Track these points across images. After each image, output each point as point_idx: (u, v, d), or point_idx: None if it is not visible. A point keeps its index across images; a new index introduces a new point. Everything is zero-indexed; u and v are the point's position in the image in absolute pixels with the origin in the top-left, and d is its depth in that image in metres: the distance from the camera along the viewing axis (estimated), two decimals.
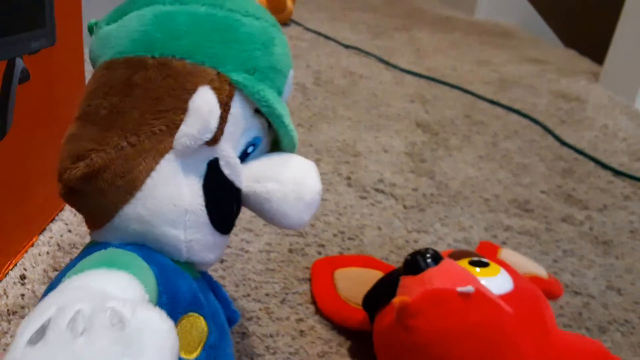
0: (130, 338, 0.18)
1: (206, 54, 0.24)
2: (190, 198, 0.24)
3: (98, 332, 0.18)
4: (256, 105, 0.26)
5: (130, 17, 0.25)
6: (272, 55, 0.26)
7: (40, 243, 0.46)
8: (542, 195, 0.68)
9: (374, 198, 0.62)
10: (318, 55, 1.14)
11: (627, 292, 0.51)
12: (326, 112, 0.85)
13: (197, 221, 0.24)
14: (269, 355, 0.39)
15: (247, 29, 0.25)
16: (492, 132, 0.85)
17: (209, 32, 0.24)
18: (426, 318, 0.29)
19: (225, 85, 0.24)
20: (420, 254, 0.31)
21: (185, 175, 0.24)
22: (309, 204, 0.27)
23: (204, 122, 0.23)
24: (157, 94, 0.23)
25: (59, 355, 0.17)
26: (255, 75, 0.25)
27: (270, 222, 0.27)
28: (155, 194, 0.23)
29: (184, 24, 0.24)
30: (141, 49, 0.24)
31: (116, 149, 0.23)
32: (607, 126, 0.93)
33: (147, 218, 0.24)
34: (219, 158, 0.25)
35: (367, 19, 1.55)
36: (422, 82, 1.06)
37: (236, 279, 0.46)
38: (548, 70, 1.23)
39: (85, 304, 0.19)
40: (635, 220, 0.64)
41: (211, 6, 0.25)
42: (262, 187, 0.26)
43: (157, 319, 0.19)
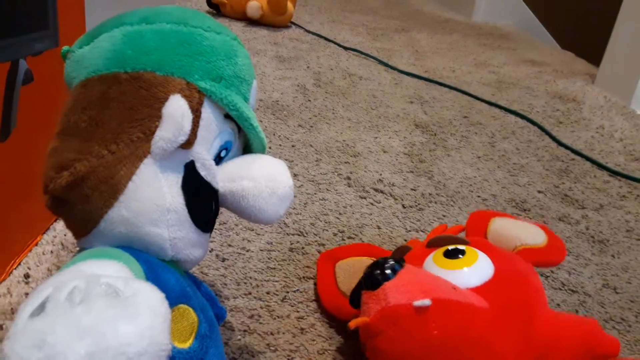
0: (125, 302, 0.19)
1: (174, 65, 0.26)
2: (171, 198, 0.26)
3: (94, 300, 0.19)
4: (225, 111, 0.28)
5: (102, 39, 0.27)
6: (235, 65, 0.28)
7: (44, 242, 0.47)
8: (539, 194, 0.68)
9: (374, 198, 0.62)
10: (318, 56, 1.14)
11: (623, 290, 0.52)
12: (326, 113, 0.85)
13: (178, 219, 0.26)
14: (270, 353, 0.39)
15: (210, 42, 0.27)
16: (489, 133, 0.86)
17: (175, 47, 0.26)
18: (385, 338, 0.28)
19: (195, 93, 0.26)
20: (378, 265, 0.30)
21: (165, 177, 0.25)
22: (283, 198, 0.29)
23: (178, 125, 0.25)
24: (132, 104, 0.25)
25: (59, 322, 0.18)
26: (222, 83, 0.27)
27: (249, 218, 0.29)
28: (137, 196, 0.25)
29: (152, 41, 0.26)
30: (114, 65, 0.26)
31: (98, 157, 0.24)
32: (604, 127, 0.94)
33: (132, 219, 0.25)
34: (194, 160, 0.27)
35: (367, 21, 1.56)
36: (420, 83, 1.06)
37: (237, 278, 0.46)
38: (545, 71, 1.24)
39: (80, 281, 0.20)
40: (631, 220, 0.65)
41: (175, 24, 0.27)
42: (238, 186, 0.28)
43: (148, 288, 0.21)
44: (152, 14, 0.27)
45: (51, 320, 0.19)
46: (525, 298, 0.31)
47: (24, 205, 0.44)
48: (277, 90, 0.92)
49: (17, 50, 0.40)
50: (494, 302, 0.30)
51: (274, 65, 1.05)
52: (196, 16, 0.28)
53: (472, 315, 0.29)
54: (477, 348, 0.28)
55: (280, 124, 0.79)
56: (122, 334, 0.18)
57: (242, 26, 1.32)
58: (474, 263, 0.32)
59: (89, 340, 0.18)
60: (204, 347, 0.27)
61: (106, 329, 0.18)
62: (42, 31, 0.43)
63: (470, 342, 0.28)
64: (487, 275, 0.31)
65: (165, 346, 0.20)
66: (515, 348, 0.29)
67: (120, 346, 0.18)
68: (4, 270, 0.42)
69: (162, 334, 0.20)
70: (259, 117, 0.80)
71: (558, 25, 1.59)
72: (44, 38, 0.44)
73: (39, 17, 0.43)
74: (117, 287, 0.20)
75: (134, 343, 0.18)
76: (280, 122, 0.80)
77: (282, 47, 1.18)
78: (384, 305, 0.28)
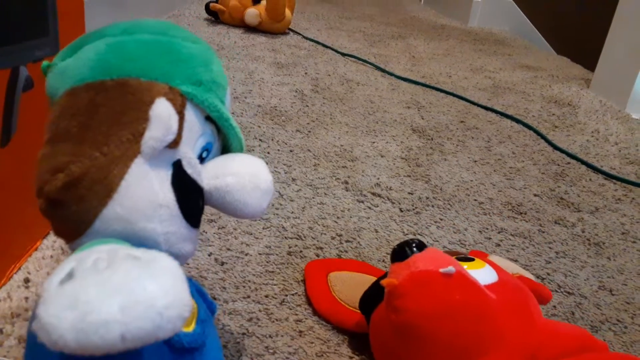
0: (147, 264, 0.21)
1: (157, 72, 0.28)
2: (163, 194, 0.27)
3: (119, 263, 0.21)
4: (206, 113, 0.30)
5: (85, 50, 0.28)
6: (212, 72, 0.30)
7: (44, 247, 0.47)
8: (535, 198, 0.69)
9: (371, 202, 0.63)
10: (316, 63, 1.15)
11: (619, 292, 0.52)
12: (324, 118, 0.86)
13: (170, 214, 0.27)
14: (269, 355, 0.39)
15: (188, 51, 0.29)
16: (486, 137, 0.87)
17: (157, 54, 0.28)
18: (412, 298, 0.31)
19: (178, 96, 0.28)
20: (406, 243, 0.33)
21: (155, 175, 0.27)
22: (265, 192, 0.31)
23: (166, 125, 0.26)
24: (120, 108, 0.26)
25: (90, 284, 0.20)
26: (201, 87, 0.29)
27: (234, 213, 0.30)
28: (130, 194, 0.26)
29: (135, 49, 0.28)
30: (100, 74, 0.27)
31: (90, 159, 0.26)
32: (599, 131, 0.95)
33: (127, 216, 0.26)
34: (181, 159, 0.28)
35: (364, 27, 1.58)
36: (417, 88, 1.07)
37: (236, 281, 0.47)
38: (540, 76, 1.25)
39: (101, 253, 0.22)
40: (627, 222, 0.65)
41: (154, 34, 0.29)
42: (222, 182, 0.30)
43: (165, 255, 0.22)
44: (132, 25, 0.29)
45: (82, 283, 0.20)
46: (525, 302, 0.34)
47: (23, 210, 0.44)
48: (275, 96, 0.93)
49: (18, 57, 0.41)
50: (499, 298, 0.32)
51: (272, 71, 1.06)
52: (173, 27, 0.30)
53: (485, 293, 0.32)
54: (490, 325, 0.31)
55: (278, 129, 0.80)
56: (149, 290, 0.20)
57: (240, 33, 1.33)
58: (480, 268, 0.34)
59: (120, 296, 0.20)
60: (204, 331, 0.29)
61: (134, 286, 0.20)
62: (42, 38, 0.44)
63: (486, 317, 0.31)
64: (492, 279, 0.34)
65: (188, 302, 0.21)
66: (518, 334, 0.32)
67: (149, 300, 0.20)
68: (4, 275, 0.42)
69: (184, 291, 0.21)
70: (257, 123, 0.81)
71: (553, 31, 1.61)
72: (44, 45, 0.44)
73: (39, 24, 0.43)
74: (136, 255, 0.22)
75: (161, 297, 0.20)
76: (279, 127, 0.80)
77: (280, 54, 1.19)
78: (412, 270, 0.31)
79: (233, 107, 0.85)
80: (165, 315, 0.20)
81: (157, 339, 0.20)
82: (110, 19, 0.99)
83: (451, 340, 0.30)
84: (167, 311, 0.20)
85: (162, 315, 0.20)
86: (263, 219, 0.56)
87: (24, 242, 0.45)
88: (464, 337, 0.31)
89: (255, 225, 0.55)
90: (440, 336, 0.30)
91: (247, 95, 0.91)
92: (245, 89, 0.94)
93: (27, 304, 0.41)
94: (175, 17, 1.40)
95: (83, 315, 0.19)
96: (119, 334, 0.19)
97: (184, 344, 0.27)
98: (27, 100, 0.42)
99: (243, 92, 0.93)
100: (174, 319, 0.20)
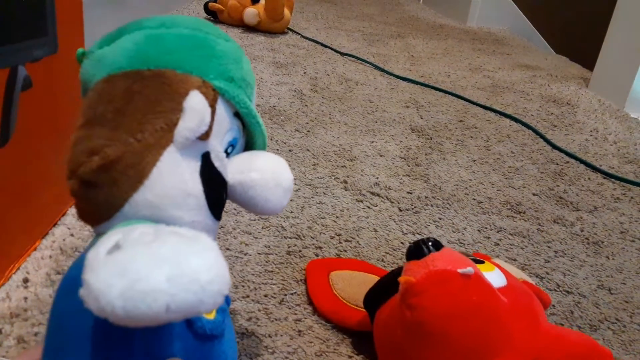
0: (192, 240, 0.22)
1: (192, 65, 0.28)
2: (192, 184, 0.28)
3: (166, 236, 0.22)
4: (234, 109, 0.30)
5: (124, 39, 0.29)
6: (242, 69, 0.31)
7: (42, 247, 0.47)
8: (534, 197, 0.69)
9: (370, 201, 0.63)
10: (315, 62, 1.15)
11: (618, 291, 0.52)
12: (323, 118, 0.86)
13: (197, 204, 0.28)
14: (268, 355, 0.39)
15: (221, 47, 0.30)
16: (485, 137, 0.87)
17: (192, 49, 0.29)
18: (429, 296, 0.31)
19: (211, 90, 0.28)
20: (422, 241, 0.34)
21: (186, 165, 0.27)
22: (286, 190, 0.32)
23: (200, 116, 0.27)
24: (155, 98, 0.27)
25: (138, 253, 0.20)
26: (233, 83, 0.30)
27: (254, 208, 0.31)
28: (161, 181, 0.27)
29: (172, 42, 0.28)
30: (137, 63, 0.28)
31: (125, 144, 0.26)
32: (597, 130, 0.95)
33: (156, 202, 0.27)
34: (210, 152, 0.29)
35: (363, 27, 1.58)
36: (416, 88, 1.07)
37: (235, 281, 0.47)
38: (539, 76, 1.25)
39: (147, 228, 0.23)
40: (625, 221, 0.65)
41: (191, 29, 0.30)
42: (247, 177, 0.31)
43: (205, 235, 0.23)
44: (170, 20, 0.30)
45: (130, 253, 0.20)
46: (532, 308, 0.35)
47: (22, 210, 0.44)
48: (274, 95, 0.93)
49: (16, 56, 0.41)
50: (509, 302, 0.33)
51: (271, 70, 1.06)
52: (207, 24, 0.31)
53: (498, 296, 0.32)
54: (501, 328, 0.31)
55: (277, 129, 0.80)
56: (194, 264, 0.20)
57: (239, 32, 1.33)
58: (491, 271, 0.35)
59: (167, 268, 0.20)
60: (224, 320, 0.30)
61: (181, 259, 0.20)
62: (41, 38, 0.44)
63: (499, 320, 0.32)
64: (502, 283, 0.34)
65: (228, 279, 0.22)
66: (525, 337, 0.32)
67: (194, 273, 0.20)
68: (3, 275, 0.42)
69: (225, 269, 0.22)
70: None
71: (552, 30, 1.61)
72: (43, 45, 0.44)
73: (37, 24, 0.43)
74: (180, 232, 0.22)
75: (205, 272, 0.21)
76: (278, 127, 0.80)
77: (279, 53, 1.19)
78: (431, 268, 0.31)
79: None
80: (207, 290, 0.20)
81: (198, 312, 0.21)
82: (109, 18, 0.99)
83: (463, 341, 0.31)
84: (209, 286, 0.20)
85: (205, 290, 0.20)
86: (262, 219, 0.56)
87: (23, 242, 0.45)
88: (476, 339, 0.31)
89: (255, 224, 0.55)
90: (453, 336, 0.31)
91: None
92: None
93: (26, 304, 0.40)
94: None
95: (132, 283, 0.19)
96: (164, 304, 0.20)
97: (207, 330, 0.28)
98: (25, 100, 0.42)
99: None
100: (215, 294, 0.21)
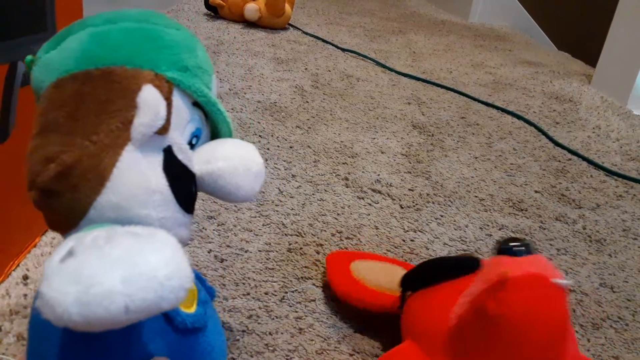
0: (147, 238, 0.22)
1: (142, 59, 0.28)
2: (155, 180, 0.27)
3: (120, 238, 0.21)
4: (193, 99, 0.30)
5: (69, 41, 0.28)
6: (197, 58, 0.30)
7: (42, 244, 0.47)
8: (536, 194, 0.69)
9: (371, 198, 0.63)
10: (316, 58, 1.15)
11: (620, 289, 0.52)
12: (324, 114, 0.86)
13: (164, 200, 0.27)
14: (269, 353, 0.39)
15: (172, 37, 0.29)
16: (486, 133, 0.86)
17: (141, 42, 0.28)
18: (520, 296, 0.31)
19: (164, 83, 0.28)
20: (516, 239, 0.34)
21: (147, 162, 0.27)
22: (257, 174, 0.31)
23: (155, 111, 0.26)
24: (107, 97, 0.26)
25: (91, 259, 0.20)
26: (187, 73, 0.29)
27: (226, 197, 0.31)
28: (123, 181, 0.26)
29: (118, 38, 0.28)
30: (85, 64, 0.27)
31: (81, 148, 0.26)
32: (600, 127, 0.94)
33: (121, 203, 0.26)
34: (171, 145, 0.28)
35: (364, 23, 1.57)
36: (418, 84, 1.07)
37: (236, 278, 0.46)
38: (541, 72, 1.25)
39: (100, 231, 0.22)
40: (628, 219, 0.65)
41: (137, 22, 0.29)
42: (214, 166, 0.30)
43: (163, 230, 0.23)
44: (114, 15, 0.29)
45: (83, 258, 0.20)
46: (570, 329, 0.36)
47: (22, 207, 0.44)
48: (275, 91, 0.92)
49: (16, 52, 0.40)
50: None
51: (272, 67, 1.05)
52: (155, 15, 0.30)
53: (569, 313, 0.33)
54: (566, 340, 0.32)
55: (278, 125, 0.79)
56: (150, 261, 0.20)
57: (240, 28, 1.33)
58: None
59: (122, 269, 0.20)
60: (206, 312, 0.30)
61: (135, 259, 0.20)
62: (41, 33, 0.43)
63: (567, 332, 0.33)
64: None
65: (188, 273, 0.21)
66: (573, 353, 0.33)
67: (150, 271, 0.20)
68: (2, 272, 0.42)
69: (184, 263, 0.21)
70: (257, 119, 0.81)
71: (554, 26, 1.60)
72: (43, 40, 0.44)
73: (37, 19, 0.43)
74: (135, 231, 0.22)
75: (162, 268, 0.20)
76: (279, 123, 0.80)
77: (280, 49, 1.18)
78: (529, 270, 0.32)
79: (232, 103, 0.85)
80: (167, 286, 0.20)
81: (160, 310, 0.20)
82: None
83: (534, 348, 0.31)
84: (168, 282, 0.20)
85: (164, 286, 0.20)
86: (263, 216, 0.56)
87: (23, 239, 0.45)
88: (545, 350, 0.31)
89: (255, 222, 0.55)
90: (527, 340, 0.31)
91: (246, 91, 0.91)
92: (244, 85, 0.93)
93: (25, 301, 0.40)
94: (175, 12, 1.39)
95: (86, 288, 0.19)
96: (122, 306, 0.19)
97: (188, 324, 0.28)
98: (25, 96, 0.42)
99: (242, 87, 0.92)
100: (176, 289, 0.21)
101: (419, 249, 0.54)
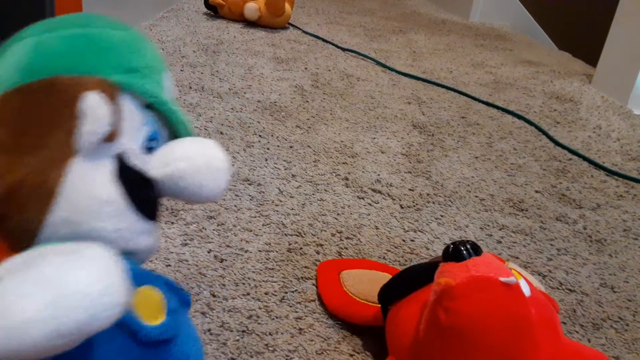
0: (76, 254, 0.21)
1: (85, 65, 0.27)
2: (106, 190, 0.26)
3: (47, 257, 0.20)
4: (145, 101, 0.29)
5: (8, 55, 0.27)
6: (144, 57, 0.29)
7: None
8: (536, 194, 0.68)
9: (371, 198, 0.63)
10: (316, 58, 1.15)
11: (621, 289, 0.52)
12: (324, 114, 0.85)
13: (118, 210, 0.26)
14: (269, 353, 0.39)
15: (117, 38, 0.28)
16: (487, 133, 0.86)
17: (83, 48, 0.27)
18: (468, 302, 0.30)
19: (108, 87, 0.27)
20: (461, 243, 0.33)
21: (97, 172, 0.26)
22: (221, 170, 0.29)
23: (97, 117, 0.25)
24: (50, 109, 0.26)
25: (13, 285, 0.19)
26: (136, 74, 0.28)
27: (191, 198, 0.29)
28: (73, 195, 0.25)
29: (58, 46, 0.27)
30: (26, 76, 0.26)
31: (25, 166, 0.25)
32: (601, 127, 0.94)
33: (73, 218, 0.25)
34: (123, 152, 0.27)
35: (364, 22, 1.57)
36: (418, 84, 1.07)
37: (236, 278, 0.46)
38: (542, 72, 1.25)
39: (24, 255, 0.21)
40: (629, 219, 0.65)
41: (79, 27, 0.28)
42: (173, 168, 0.29)
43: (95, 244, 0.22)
44: (54, 23, 0.28)
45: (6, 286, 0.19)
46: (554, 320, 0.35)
47: None
48: (275, 91, 0.92)
49: None
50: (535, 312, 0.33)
51: (271, 66, 1.05)
52: (97, 18, 0.29)
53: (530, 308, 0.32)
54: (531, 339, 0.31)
55: (278, 125, 0.79)
56: (81, 278, 0.19)
57: (239, 27, 1.33)
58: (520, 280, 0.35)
59: (48, 291, 0.19)
60: (176, 322, 0.28)
61: (66, 277, 0.19)
62: None
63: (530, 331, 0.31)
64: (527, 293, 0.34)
65: (122, 287, 0.21)
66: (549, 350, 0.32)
67: (80, 289, 0.19)
68: None
69: (118, 277, 0.21)
70: (257, 119, 0.81)
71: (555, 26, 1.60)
72: None
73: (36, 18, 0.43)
74: (63, 249, 0.21)
75: (94, 284, 0.20)
76: (279, 123, 0.80)
77: (279, 49, 1.18)
78: (473, 273, 0.31)
79: (232, 103, 0.85)
80: (99, 303, 0.19)
81: (96, 328, 0.20)
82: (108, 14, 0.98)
83: (495, 351, 0.30)
84: (101, 298, 0.20)
85: (96, 303, 0.19)
86: (263, 216, 0.56)
87: None
88: (507, 349, 0.30)
89: (255, 222, 0.55)
90: (485, 344, 0.30)
91: (246, 91, 0.91)
92: (244, 84, 0.93)
93: None
94: (174, 11, 1.39)
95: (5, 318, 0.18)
96: (52, 329, 0.19)
97: (152, 337, 0.26)
98: None
99: (242, 87, 0.92)
100: (109, 306, 0.20)
101: (419, 249, 0.54)
